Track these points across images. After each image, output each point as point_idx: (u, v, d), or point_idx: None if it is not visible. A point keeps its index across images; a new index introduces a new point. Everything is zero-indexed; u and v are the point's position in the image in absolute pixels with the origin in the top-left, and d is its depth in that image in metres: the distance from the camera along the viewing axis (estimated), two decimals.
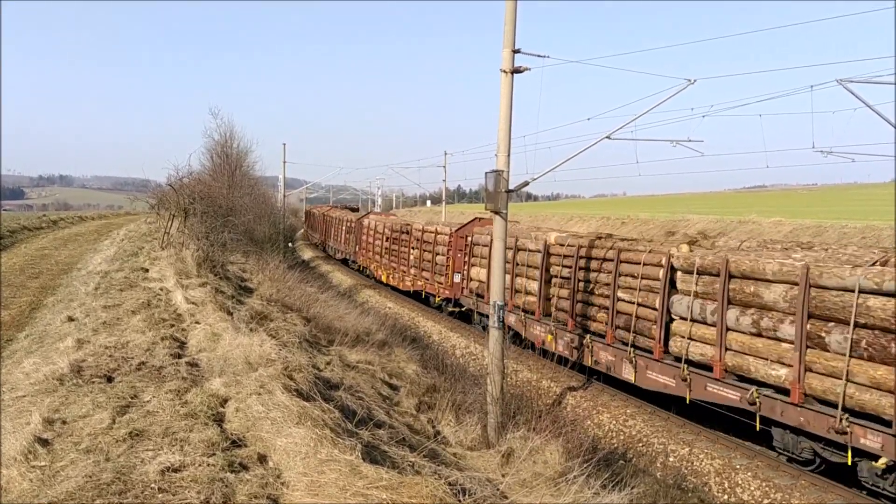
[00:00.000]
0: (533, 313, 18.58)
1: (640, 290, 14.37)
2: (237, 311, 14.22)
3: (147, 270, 19.45)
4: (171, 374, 9.06)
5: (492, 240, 13.42)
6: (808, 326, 10.52)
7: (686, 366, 12.86)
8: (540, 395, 15.38)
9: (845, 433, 9.89)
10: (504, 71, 12.19)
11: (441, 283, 26.31)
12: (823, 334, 10.29)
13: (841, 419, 9.89)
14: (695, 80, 13.17)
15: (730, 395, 11.95)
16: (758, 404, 11.38)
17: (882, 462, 9.65)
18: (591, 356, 15.83)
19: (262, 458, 6.39)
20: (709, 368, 12.51)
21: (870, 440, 9.67)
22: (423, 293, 28.12)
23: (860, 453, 10.05)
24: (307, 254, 55.32)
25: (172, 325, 12.29)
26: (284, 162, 53.15)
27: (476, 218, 25.62)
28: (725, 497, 11.45)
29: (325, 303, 21.21)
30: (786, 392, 10.94)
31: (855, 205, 56.61)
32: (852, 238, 32.69)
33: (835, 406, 10.07)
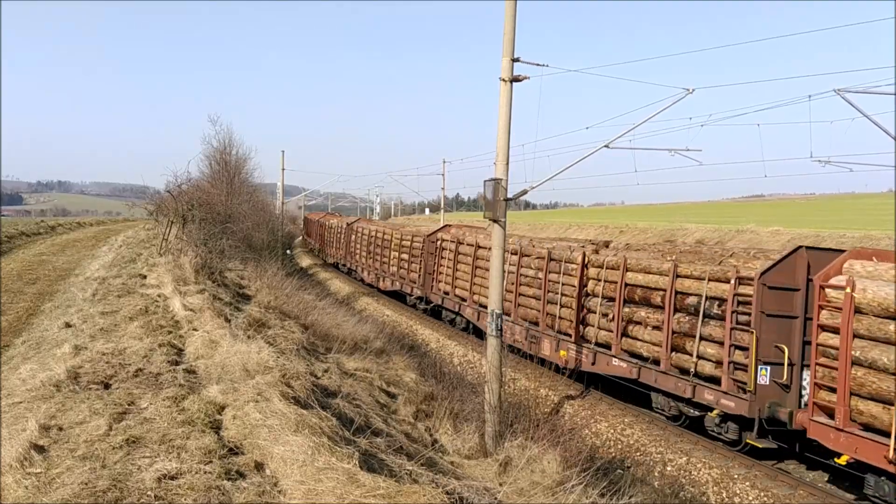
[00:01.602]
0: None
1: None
2: (235, 318, 14.20)
3: (145, 277, 19.41)
4: (168, 380, 9.02)
5: (492, 248, 13.41)
6: None
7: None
8: (538, 403, 15.36)
9: None
10: (503, 80, 12.23)
11: None
12: None
13: None
14: (693, 90, 13.21)
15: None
16: None
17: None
18: None
19: (260, 466, 6.36)
20: None
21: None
22: None
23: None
24: (305, 261, 55.31)
25: (170, 332, 12.25)
26: (283, 169, 53.30)
27: None
28: None
29: (322, 310, 21.15)
30: None
31: (853, 214, 56.71)
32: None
33: None
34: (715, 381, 12.60)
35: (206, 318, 13.40)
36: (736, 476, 11.89)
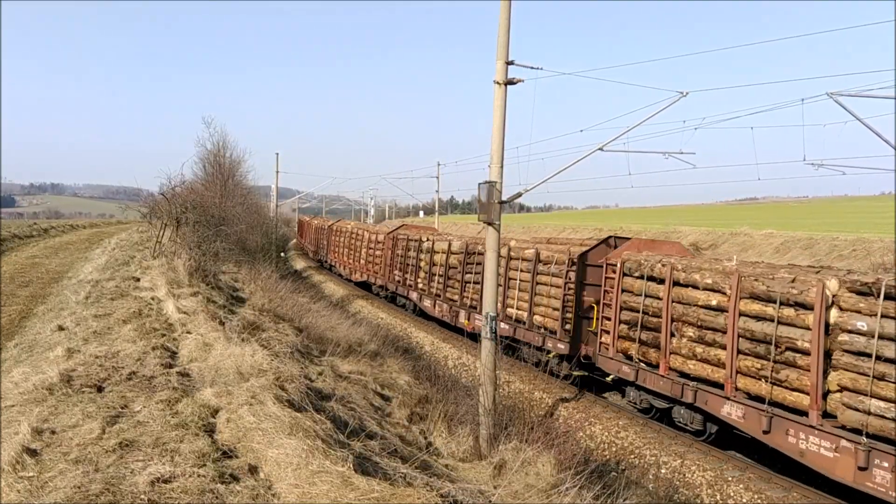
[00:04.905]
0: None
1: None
2: (229, 320, 14.17)
3: (138, 280, 19.37)
4: (161, 383, 9.00)
5: (486, 251, 13.42)
6: None
7: None
8: (532, 406, 15.36)
9: None
10: (497, 83, 12.23)
11: None
12: None
13: None
14: (687, 93, 13.24)
15: None
16: None
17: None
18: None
19: (253, 469, 6.35)
20: None
21: None
22: None
23: None
24: (299, 264, 55.23)
25: (163, 335, 12.22)
26: (277, 171, 53.20)
27: None
28: None
29: (317, 313, 21.14)
30: None
31: (846, 217, 56.94)
32: (843, 250, 32.86)
33: None
34: None
35: (199, 320, 13.38)
36: (730, 478, 11.91)
